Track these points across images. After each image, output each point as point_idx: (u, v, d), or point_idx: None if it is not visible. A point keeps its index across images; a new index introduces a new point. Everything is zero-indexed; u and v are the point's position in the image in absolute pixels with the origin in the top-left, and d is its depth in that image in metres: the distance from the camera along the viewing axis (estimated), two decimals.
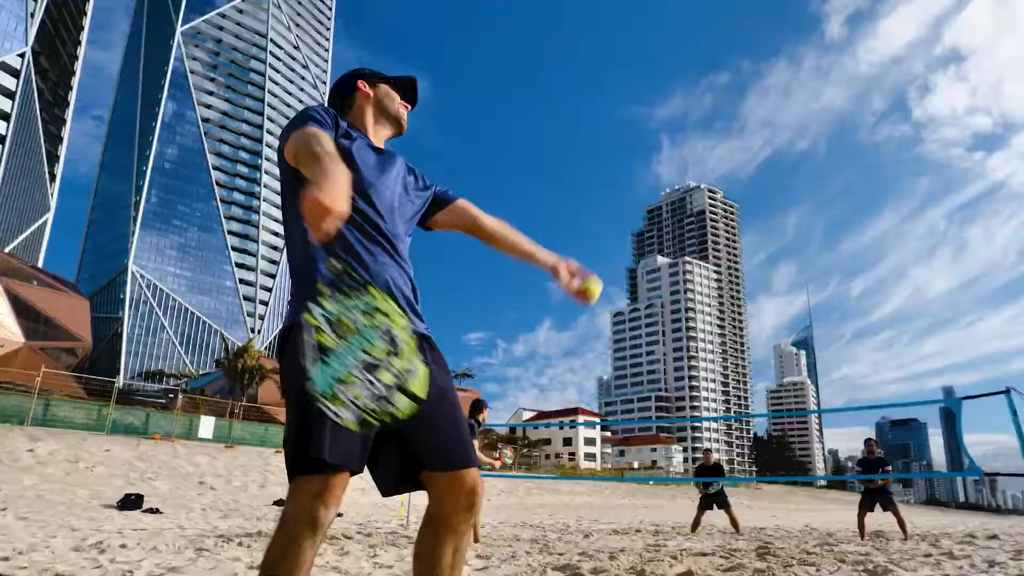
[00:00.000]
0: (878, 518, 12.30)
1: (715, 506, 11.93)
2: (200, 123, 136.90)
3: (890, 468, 10.80)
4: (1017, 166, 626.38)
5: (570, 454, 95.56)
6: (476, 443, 7.96)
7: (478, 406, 8.33)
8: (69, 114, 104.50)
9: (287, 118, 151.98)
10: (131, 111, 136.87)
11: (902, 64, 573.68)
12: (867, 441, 10.85)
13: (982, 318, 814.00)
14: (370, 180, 1.98)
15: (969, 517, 51.47)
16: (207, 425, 30.03)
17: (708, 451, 12.95)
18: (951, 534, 12.55)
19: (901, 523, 10.38)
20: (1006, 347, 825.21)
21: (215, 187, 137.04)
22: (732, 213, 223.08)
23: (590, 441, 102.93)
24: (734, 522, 11.83)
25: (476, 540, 8.07)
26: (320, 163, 1.51)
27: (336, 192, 1.38)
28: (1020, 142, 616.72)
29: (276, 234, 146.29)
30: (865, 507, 10.41)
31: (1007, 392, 8.25)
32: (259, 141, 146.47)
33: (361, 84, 2.27)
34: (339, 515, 13.33)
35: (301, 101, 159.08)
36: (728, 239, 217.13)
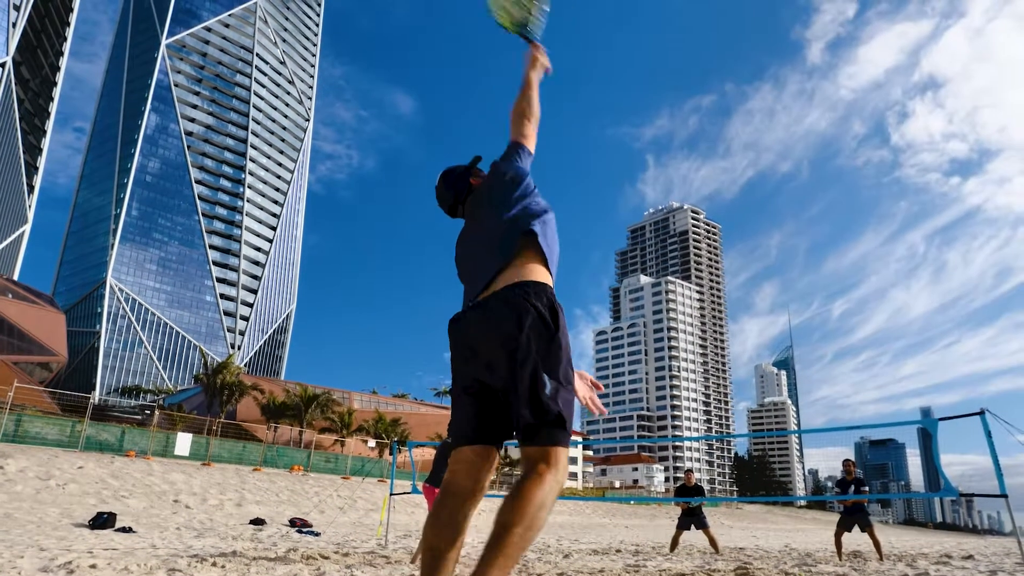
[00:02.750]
0: (856, 538, 12.33)
1: (693, 527, 11.90)
2: (183, 136, 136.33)
3: (866, 489, 10.88)
4: (992, 191, 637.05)
5: None
6: None
7: None
8: (49, 125, 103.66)
9: (272, 132, 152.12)
10: (113, 123, 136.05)
11: (881, 90, 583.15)
12: (845, 462, 10.87)
13: (960, 340, 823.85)
14: None
15: (946, 537, 51.66)
16: (184, 442, 29.63)
17: (689, 471, 12.94)
18: (927, 554, 12.58)
19: (877, 544, 10.45)
20: (983, 369, 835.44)
21: (197, 201, 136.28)
22: (715, 233, 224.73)
23: (572, 460, 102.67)
24: (713, 542, 11.80)
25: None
26: None
27: None
28: (995, 168, 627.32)
29: (258, 249, 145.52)
30: (842, 527, 10.47)
31: (981, 413, 8.31)
32: (243, 156, 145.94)
33: (474, 181, 2.75)
34: (317, 535, 13.17)
35: (286, 116, 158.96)
36: (711, 259, 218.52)
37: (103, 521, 11.97)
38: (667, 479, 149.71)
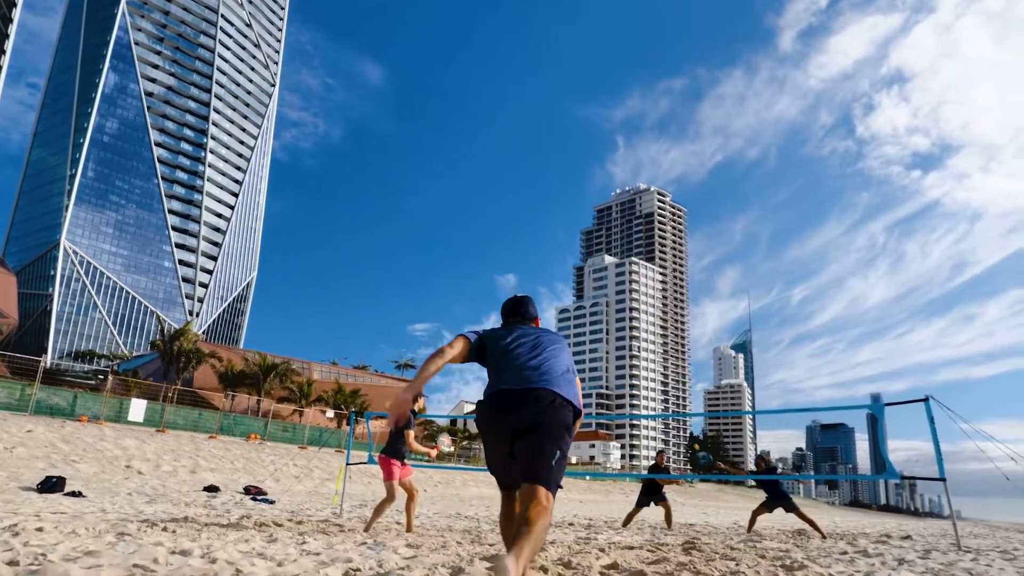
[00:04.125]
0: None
1: (653, 503, 12.19)
2: (143, 97, 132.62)
3: (778, 469, 12.02)
4: (952, 186, 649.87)
5: None
6: (412, 432, 7.95)
7: None
8: (0, 80, 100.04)
9: (236, 96, 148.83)
10: (69, 80, 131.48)
11: (850, 81, 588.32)
12: (757, 458, 12.08)
13: (913, 329, 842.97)
14: None
15: (888, 519, 53.43)
16: (138, 408, 29.20)
17: (661, 452, 13.25)
18: (869, 534, 13.01)
19: (811, 523, 11.18)
20: (934, 358, 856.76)
21: (157, 164, 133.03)
22: (680, 217, 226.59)
23: None
24: (668, 517, 12.09)
25: (409, 530, 8.04)
26: None
27: None
28: (955, 163, 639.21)
29: (219, 216, 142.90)
30: (764, 507, 11.53)
31: (926, 400, 8.59)
32: (205, 119, 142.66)
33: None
34: (271, 503, 13.14)
35: (251, 80, 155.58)
36: (675, 242, 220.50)
37: (52, 485, 11.83)
38: (623, 456, 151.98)
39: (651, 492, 12.39)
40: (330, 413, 48.99)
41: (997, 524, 32.19)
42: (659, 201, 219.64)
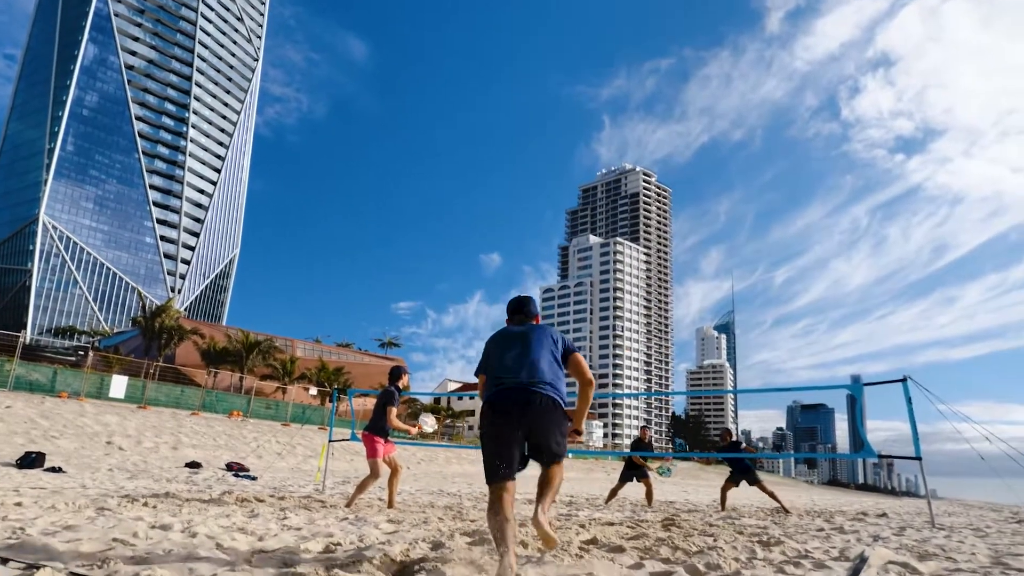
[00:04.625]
0: (782, 495, 12.90)
1: (635, 479, 12.31)
2: (123, 70, 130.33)
3: (743, 446, 12.42)
4: (934, 170, 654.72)
5: None
6: (395, 410, 7.96)
7: (397, 372, 8.35)
8: None
9: (218, 71, 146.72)
10: (47, 52, 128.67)
11: (836, 63, 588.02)
12: (723, 432, 12.64)
13: (894, 312, 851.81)
14: None
15: (865, 497, 54.22)
16: (119, 384, 29.02)
17: (645, 427, 13.38)
18: (846, 512, 13.19)
19: (772, 496, 11.61)
20: (913, 340, 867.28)
21: (137, 139, 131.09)
22: (665, 197, 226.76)
23: None
24: (649, 494, 12.23)
25: (390, 506, 8.06)
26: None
27: None
28: (938, 148, 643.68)
29: (201, 191, 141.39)
30: (730, 482, 11.94)
31: (904, 381, 8.69)
32: (187, 93, 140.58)
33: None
34: (253, 479, 13.12)
35: (233, 55, 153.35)
36: (659, 222, 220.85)
37: (31, 461, 11.75)
38: (606, 435, 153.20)
39: (634, 467, 12.53)
40: (313, 390, 48.95)
41: (971, 503, 32.78)
42: (644, 181, 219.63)
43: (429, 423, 8.40)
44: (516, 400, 3.66)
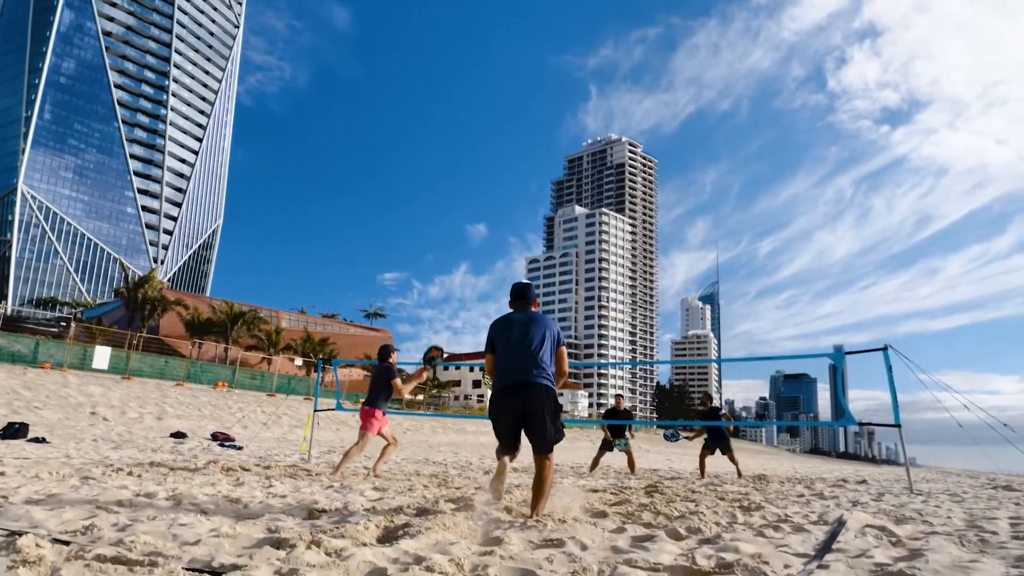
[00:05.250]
0: (764, 464, 13.10)
1: (615, 448, 12.39)
2: (101, 36, 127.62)
3: (724, 414, 12.47)
4: (919, 142, 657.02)
5: (479, 396, 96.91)
6: (398, 380, 8.10)
7: (386, 351, 8.61)
8: None
9: (198, 38, 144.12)
10: (22, 16, 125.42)
11: (823, 34, 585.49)
12: (704, 396, 13.03)
13: (877, 282, 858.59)
14: None
15: (846, 465, 55.19)
16: (102, 355, 28.86)
17: (620, 396, 13.48)
18: (826, 479, 13.41)
19: (735, 463, 12.01)
20: (896, 311, 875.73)
21: (117, 107, 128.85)
22: (651, 168, 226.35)
23: None
24: (631, 463, 12.34)
25: (375, 474, 8.10)
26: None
27: None
28: (923, 119, 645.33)
29: (183, 161, 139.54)
30: (706, 449, 12.13)
31: (885, 349, 8.77)
32: (167, 61, 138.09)
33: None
34: (239, 449, 13.14)
35: (214, 21, 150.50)
36: (645, 193, 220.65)
37: (14, 431, 11.69)
38: (591, 405, 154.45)
39: (615, 434, 12.61)
40: (299, 361, 48.90)
41: (950, 470, 33.43)
42: (630, 152, 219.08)
43: (428, 373, 8.40)
44: (518, 396, 4.44)
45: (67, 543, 2.98)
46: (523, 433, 4.56)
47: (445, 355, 7.97)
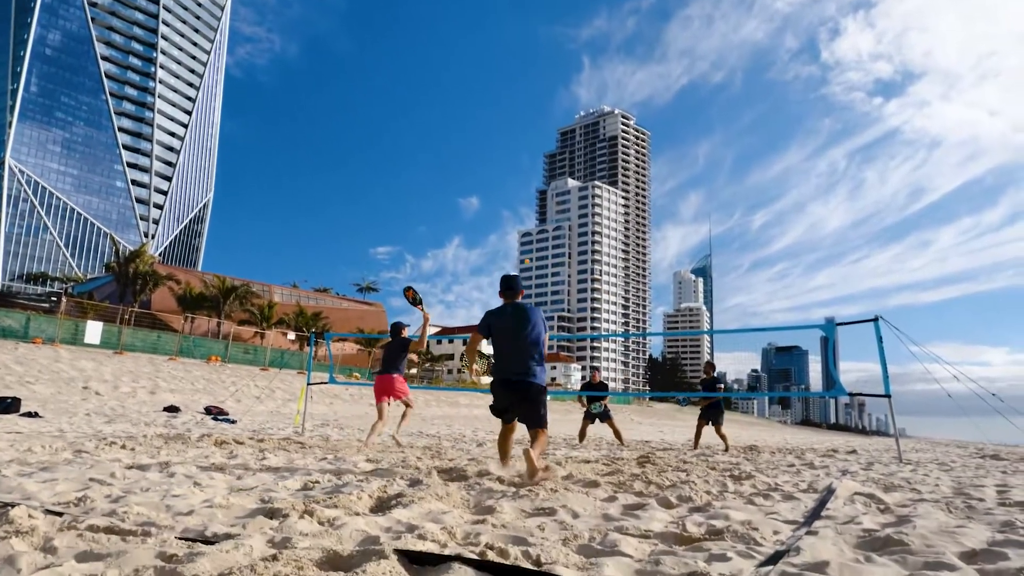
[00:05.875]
0: (754, 435, 13.23)
1: (598, 420, 12.49)
2: (87, 7, 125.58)
3: (720, 387, 12.39)
4: (912, 114, 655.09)
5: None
6: (411, 344, 8.38)
7: (399, 327, 8.98)
8: None
9: (185, 8, 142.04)
10: None
11: (817, 4, 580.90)
12: (706, 364, 12.56)
13: (869, 255, 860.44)
14: None
15: (837, 436, 55.72)
16: (94, 330, 28.79)
17: (596, 369, 13.62)
18: (817, 449, 13.55)
19: (722, 438, 11.74)
20: (887, 283, 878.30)
21: (104, 79, 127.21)
22: (643, 140, 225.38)
23: (486, 356, 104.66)
24: (617, 434, 12.44)
25: (398, 444, 8.21)
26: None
27: None
28: (916, 91, 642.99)
29: (172, 134, 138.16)
30: (703, 420, 12.13)
31: (876, 320, 8.82)
32: (154, 32, 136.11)
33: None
34: (233, 422, 13.17)
35: None
36: (638, 166, 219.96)
37: (7, 406, 11.68)
38: (583, 378, 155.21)
39: (591, 402, 12.69)
40: (292, 335, 48.90)
41: (939, 441, 33.81)
42: (623, 124, 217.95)
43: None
44: (511, 388, 5.19)
45: (60, 514, 2.99)
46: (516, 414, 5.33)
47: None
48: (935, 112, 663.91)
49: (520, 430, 5.90)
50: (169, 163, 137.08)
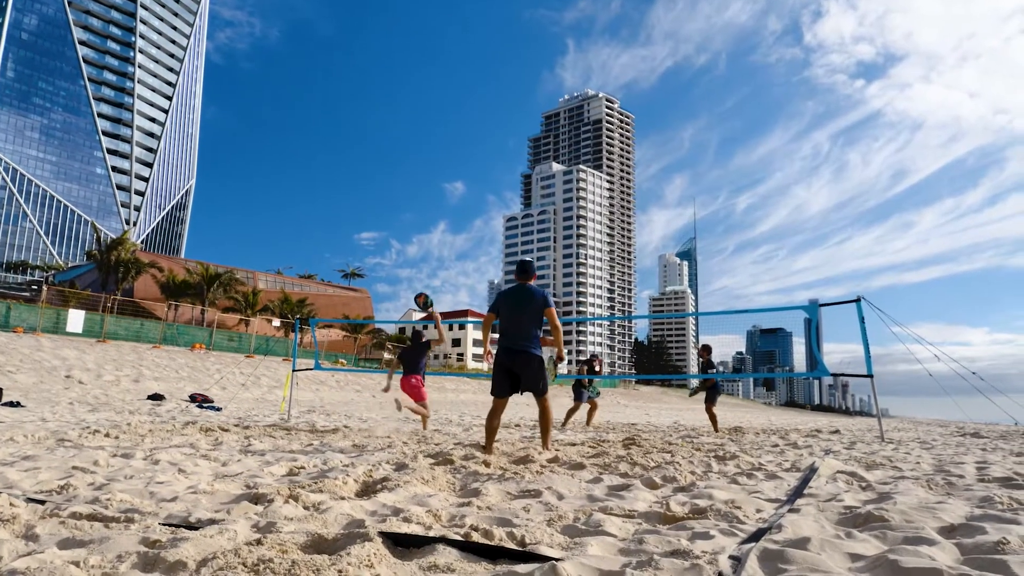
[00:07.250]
0: (740, 416, 13.34)
1: (585, 394, 12.65)
2: None
3: (712, 370, 12.31)
4: (893, 96, 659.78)
5: (459, 355, 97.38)
6: (430, 343, 9.36)
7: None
8: None
9: None
10: None
11: None
12: (701, 348, 12.51)
13: (852, 237, 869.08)
14: None
15: (820, 417, 56.35)
16: (76, 319, 28.53)
17: (596, 357, 13.73)
18: (800, 430, 13.70)
19: (712, 419, 11.79)
20: (870, 265, 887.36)
21: (82, 64, 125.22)
22: (628, 124, 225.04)
23: (479, 343, 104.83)
24: (590, 415, 12.61)
25: (424, 428, 8.17)
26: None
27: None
28: (898, 73, 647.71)
29: (153, 120, 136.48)
30: (709, 402, 12.05)
31: (858, 301, 8.89)
32: (132, 16, 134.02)
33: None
34: (218, 410, 13.12)
35: None
36: (622, 149, 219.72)
37: None
38: (569, 362, 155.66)
39: (582, 387, 12.81)
40: (276, 322, 48.68)
41: (921, 420, 34.27)
42: (607, 108, 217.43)
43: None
44: (513, 357, 5.74)
45: (42, 502, 2.97)
46: (512, 386, 5.82)
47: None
48: (916, 94, 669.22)
49: (507, 413, 6.09)
50: (150, 149, 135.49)
